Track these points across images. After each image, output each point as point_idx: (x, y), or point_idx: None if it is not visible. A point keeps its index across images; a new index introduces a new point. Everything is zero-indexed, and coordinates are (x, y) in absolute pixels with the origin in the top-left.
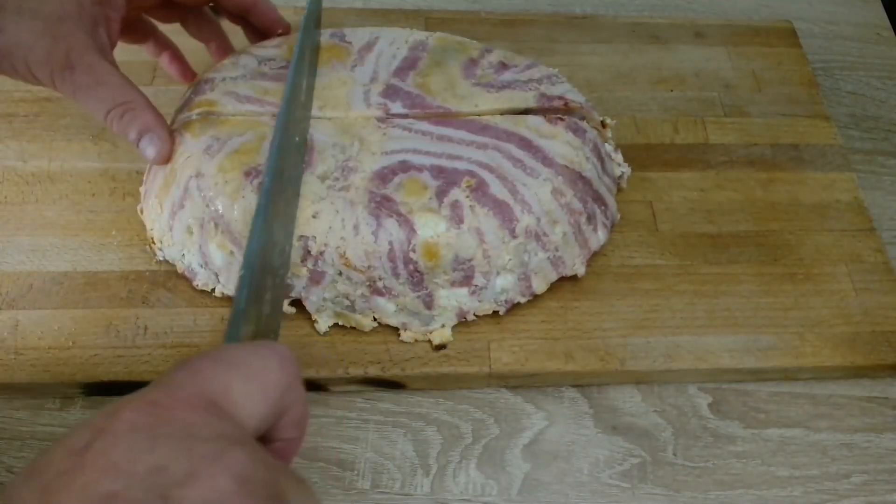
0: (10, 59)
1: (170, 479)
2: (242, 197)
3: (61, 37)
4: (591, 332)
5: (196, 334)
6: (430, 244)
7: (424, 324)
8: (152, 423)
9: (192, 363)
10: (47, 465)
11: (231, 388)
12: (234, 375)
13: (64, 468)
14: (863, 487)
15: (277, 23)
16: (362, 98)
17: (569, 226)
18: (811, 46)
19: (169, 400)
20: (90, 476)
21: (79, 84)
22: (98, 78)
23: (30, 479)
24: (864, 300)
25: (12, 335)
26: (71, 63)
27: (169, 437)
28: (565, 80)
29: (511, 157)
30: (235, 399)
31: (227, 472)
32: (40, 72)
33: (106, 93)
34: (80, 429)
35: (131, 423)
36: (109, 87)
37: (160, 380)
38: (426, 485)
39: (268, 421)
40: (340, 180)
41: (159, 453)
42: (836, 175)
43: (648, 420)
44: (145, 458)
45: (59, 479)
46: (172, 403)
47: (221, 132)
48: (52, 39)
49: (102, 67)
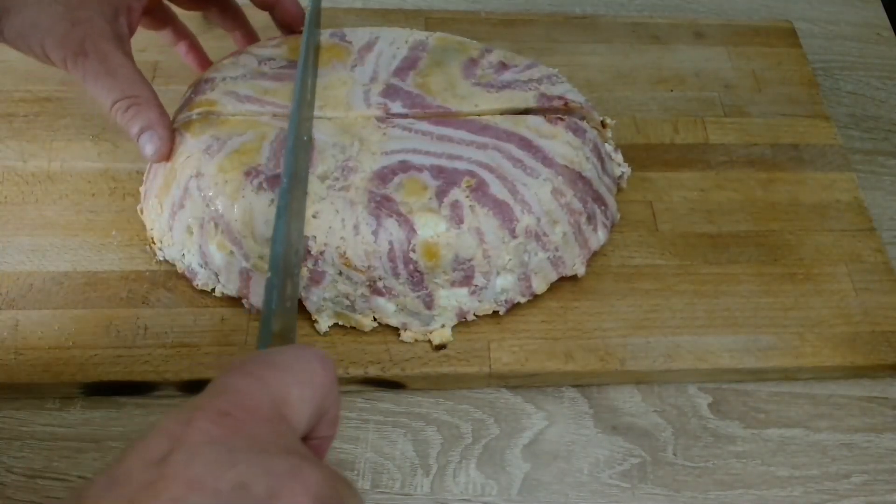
0: (26, 39)
1: (253, 497)
2: (242, 197)
3: (79, 22)
4: (591, 332)
5: (196, 334)
6: (430, 244)
7: (424, 324)
8: (227, 435)
9: (248, 368)
10: (126, 475)
11: (290, 394)
12: (291, 381)
13: (146, 480)
14: (863, 487)
15: (300, 19)
16: (362, 98)
17: (569, 226)
18: (811, 46)
19: (240, 411)
20: (176, 491)
21: (89, 70)
22: (109, 67)
23: (110, 489)
24: (864, 300)
25: (12, 335)
26: (85, 49)
27: (246, 452)
28: (565, 80)
29: (511, 157)
30: (293, 404)
31: (306, 492)
32: (54, 54)
33: (114, 83)
34: (154, 436)
35: (208, 434)
36: (119, 79)
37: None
38: (426, 485)
39: (312, 423)
40: (340, 180)
41: (239, 469)
42: (836, 175)
43: (648, 420)
44: (227, 474)
45: (145, 492)
46: (244, 415)
47: (221, 132)
48: (71, 24)
49: (116, 57)
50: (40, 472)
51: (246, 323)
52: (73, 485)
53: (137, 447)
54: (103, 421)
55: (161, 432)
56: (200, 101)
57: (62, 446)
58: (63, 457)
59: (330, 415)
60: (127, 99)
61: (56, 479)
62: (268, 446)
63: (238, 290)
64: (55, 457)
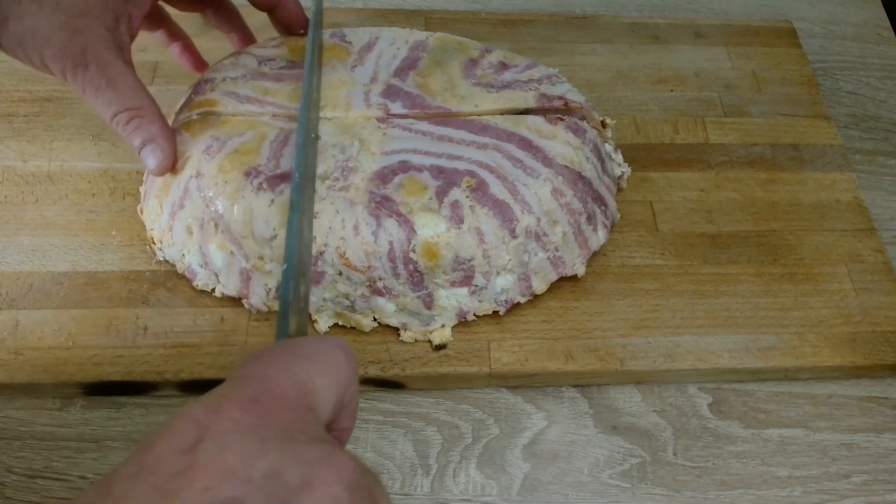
0: (24, 48)
1: (286, 485)
2: (242, 197)
3: (80, 31)
4: (591, 332)
5: (196, 334)
6: (430, 244)
7: (424, 324)
8: (257, 424)
9: (272, 356)
10: (155, 463)
11: (314, 382)
12: (315, 370)
13: (177, 468)
14: (863, 487)
15: (302, 21)
16: (362, 98)
17: (569, 226)
18: (811, 46)
19: (268, 399)
20: (208, 479)
21: (89, 82)
22: (110, 78)
23: (139, 477)
24: (864, 300)
25: (12, 335)
26: (85, 60)
27: (277, 440)
28: (565, 80)
29: (511, 158)
30: (318, 392)
31: (341, 480)
32: (54, 64)
33: (115, 95)
34: (182, 423)
35: (238, 422)
36: (119, 90)
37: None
38: (426, 485)
39: (334, 413)
40: (340, 180)
41: (271, 457)
42: (836, 175)
43: (648, 420)
44: (259, 462)
45: (176, 481)
46: (272, 402)
47: (221, 132)
48: (71, 33)
49: (116, 67)
50: (40, 472)
51: (246, 323)
52: (73, 485)
53: (164, 435)
54: (103, 421)
55: (189, 420)
56: (200, 101)
57: (62, 446)
58: (63, 457)
59: (350, 406)
60: (128, 111)
61: (56, 479)
62: (297, 434)
63: (238, 290)
64: (55, 457)
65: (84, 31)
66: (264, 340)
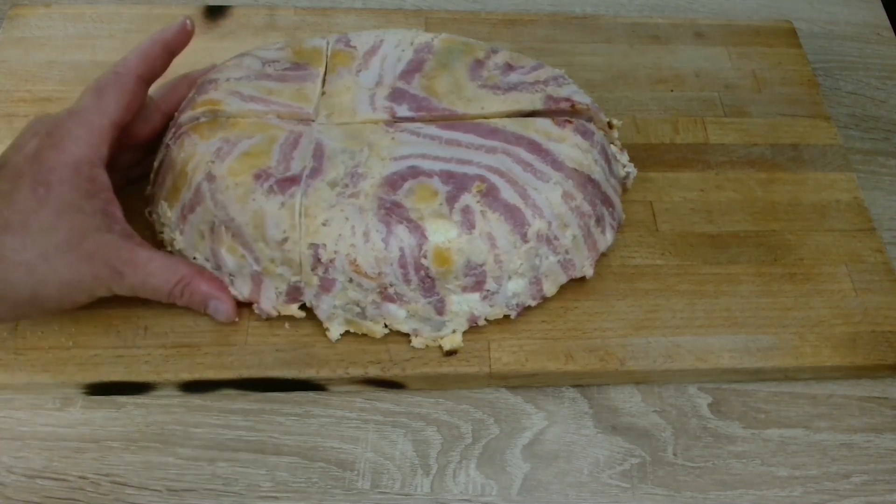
0: (71, 298)
1: None
2: (252, 200)
3: (95, 251)
4: (591, 332)
5: (196, 334)
6: (442, 250)
7: (435, 329)
8: None
9: None
10: None
11: None
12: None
13: None
14: (863, 487)
15: None
16: (368, 102)
17: (579, 229)
18: (811, 46)
19: None
20: None
21: (132, 286)
22: (146, 272)
23: None
24: (864, 300)
25: (12, 335)
26: (118, 270)
27: None
28: (571, 81)
29: (521, 161)
30: None
31: None
32: (101, 293)
33: (158, 282)
34: None
35: None
36: (157, 276)
37: None
38: (426, 485)
39: None
40: (350, 187)
41: None
42: (836, 175)
43: (648, 420)
44: None
45: None
46: None
47: (231, 134)
48: (88, 260)
49: (140, 257)
50: (40, 472)
51: (246, 323)
52: (73, 485)
53: None
54: (103, 421)
55: None
56: (204, 100)
57: (62, 446)
58: (63, 457)
59: None
60: (176, 286)
61: (56, 479)
62: None
63: (250, 293)
64: (55, 457)
65: (98, 247)
66: (264, 341)
